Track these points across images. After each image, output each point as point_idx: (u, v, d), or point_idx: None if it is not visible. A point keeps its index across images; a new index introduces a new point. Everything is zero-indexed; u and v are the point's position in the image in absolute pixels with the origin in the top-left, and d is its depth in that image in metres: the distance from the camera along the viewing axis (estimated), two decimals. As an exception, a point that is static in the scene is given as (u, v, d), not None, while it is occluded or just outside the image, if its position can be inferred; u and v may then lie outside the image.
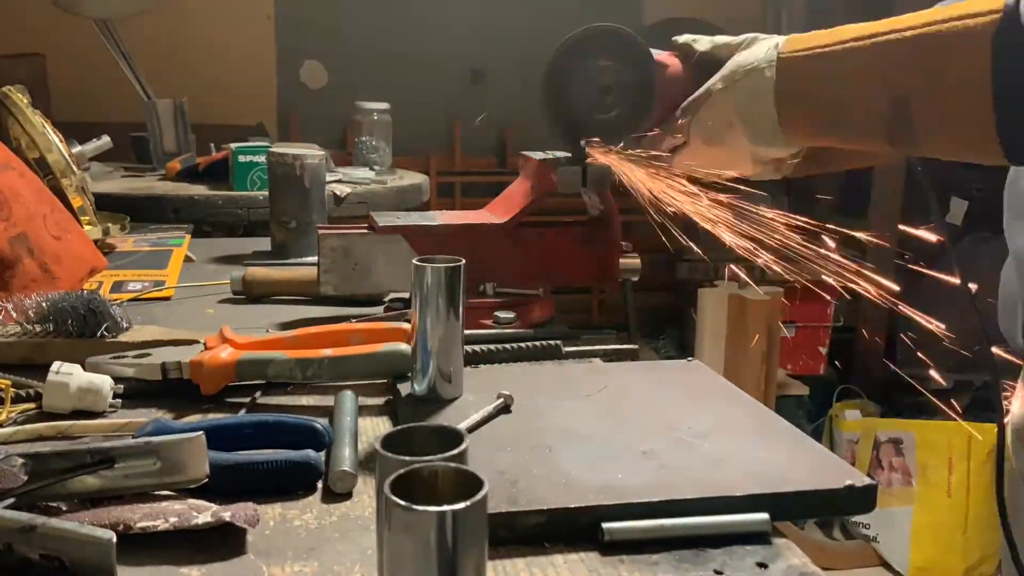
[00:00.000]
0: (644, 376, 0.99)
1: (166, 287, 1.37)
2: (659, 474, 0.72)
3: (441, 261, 0.84)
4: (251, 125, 3.38)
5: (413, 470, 0.52)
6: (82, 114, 3.08)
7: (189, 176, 2.34)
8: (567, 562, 0.64)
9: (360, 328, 1.00)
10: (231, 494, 0.70)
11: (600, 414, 0.85)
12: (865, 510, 0.72)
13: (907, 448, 3.19)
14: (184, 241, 1.64)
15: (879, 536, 3.20)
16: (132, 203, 2.03)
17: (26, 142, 1.55)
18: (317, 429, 0.78)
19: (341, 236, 1.17)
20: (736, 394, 0.93)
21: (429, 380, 0.87)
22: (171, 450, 0.69)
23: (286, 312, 1.27)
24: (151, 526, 0.64)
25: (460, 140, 4.07)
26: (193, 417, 0.87)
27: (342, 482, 0.74)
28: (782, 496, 0.70)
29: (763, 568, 0.64)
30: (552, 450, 0.76)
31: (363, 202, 2.20)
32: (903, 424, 3.24)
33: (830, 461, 0.76)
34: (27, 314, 1.02)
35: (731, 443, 0.78)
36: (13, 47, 3.17)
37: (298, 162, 1.53)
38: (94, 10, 2.77)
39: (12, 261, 1.16)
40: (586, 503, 0.67)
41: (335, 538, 0.67)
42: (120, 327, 1.03)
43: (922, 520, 3.12)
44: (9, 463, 0.65)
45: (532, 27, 3.71)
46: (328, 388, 0.95)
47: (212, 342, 0.95)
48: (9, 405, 0.87)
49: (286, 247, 1.56)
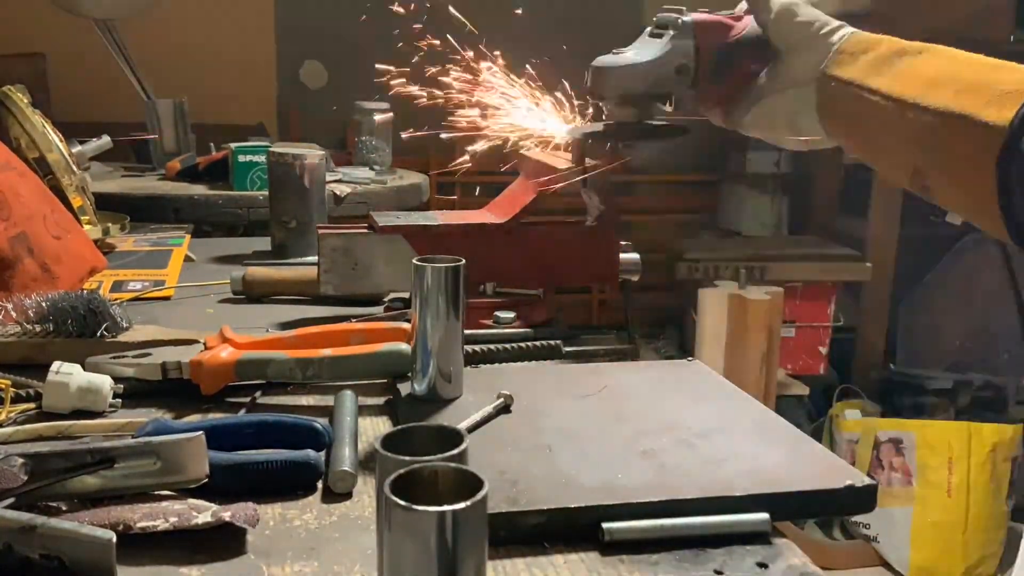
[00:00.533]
0: (644, 376, 0.99)
1: (166, 287, 1.37)
2: (659, 474, 0.72)
3: (441, 261, 0.84)
4: (251, 125, 3.38)
5: (413, 470, 0.52)
6: (82, 114, 3.08)
7: (189, 176, 2.34)
8: (567, 562, 0.64)
9: (360, 328, 1.00)
10: (231, 494, 0.70)
11: (600, 414, 0.85)
12: (865, 510, 0.72)
13: (907, 448, 3.19)
14: (184, 241, 1.64)
15: (879, 536, 3.20)
16: (132, 203, 2.03)
17: (26, 142, 1.55)
18: (317, 429, 0.78)
19: (341, 236, 1.17)
20: (736, 394, 0.93)
21: (429, 380, 0.87)
22: (171, 450, 0.69)
23: (286, 312, 1.27)
24: (151, 526, 0.64)
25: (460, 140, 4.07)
26: (193, 417, 0.87)
27: (342, 482, 0.74)
28: (782, 496, 0.70)
29: (763, 568, 0.64)
30: (552, 450, 0.76)
31: (363, 202, 2.20)
32: (903, 424, 3.24)
33: (830, 461, 0.76)
34: (27, 314, 1.02)
35: (731, 443, 0.78)
36: (13, 47, 3.17)
37: (298, 162, 1.53)
38: (94, 10, 2.77)
39: (12, 261, 1.16)
40: (586, 503, 0.67)
41: (335, 538, 0.67)
42: (120, 327, 1.03)
43: (922, 520, 3.11)
44: (9, 463, 0.65)
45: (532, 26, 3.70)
46: (328, 388, 0.95)
47: (212, 342, 0.95)
48: (9, 405, 0.87)
49: (286, 247, 1.56)
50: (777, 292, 2.81)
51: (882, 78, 0.80)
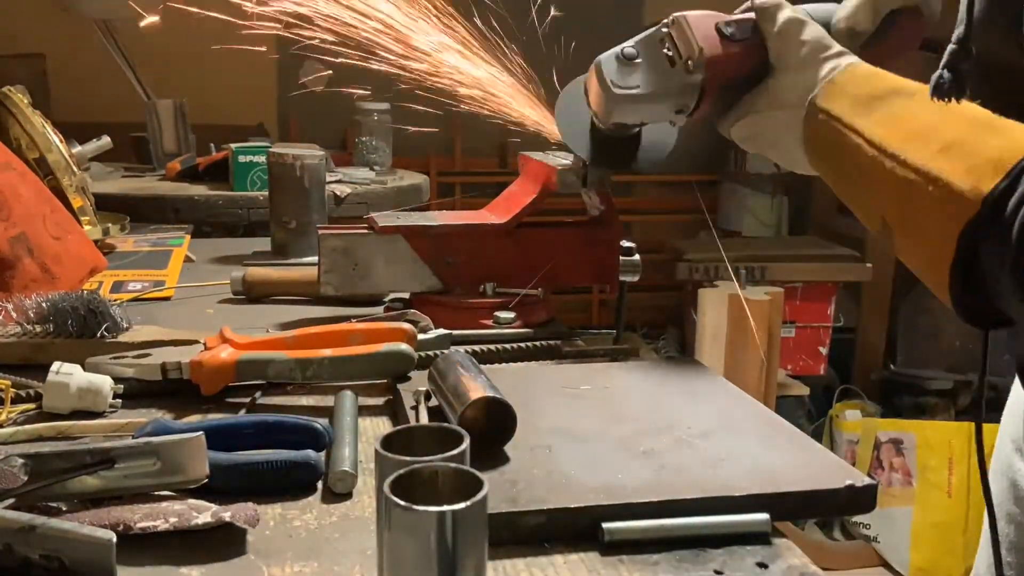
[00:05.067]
0: (644, 376, 0.99)
1: (166, 287, 1.37)
2: (659, 474, 0.72)
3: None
4: (251, 125, 3.37)
5: (413, 470, 0.52)
6: (82, 114, 3.08)
7: (189, 176, 2.34)
8: (567, 562, 0.64)
9: (360, 328, 1.00)
10: (231, 494, 0.70)
11: (600, 414, 0.85)
12: (865, 510, 0.72)
13: (907, 448, 3.19)
14: (184, 241, 1.64)
15: (879, 536, 3.20)
16: (132, 203, 2.03)
17: (26, 142, 1.55)
18: (317, 429, 0.78)
19: (341, 236, 1.17)
20: (736, 394, 0.93)
21: None
22: (171, 450, 0.69)
23: (286, 312, 1.27)
24: (151, 526, 0.64)
25: (460, 140, 4.07)
26: (193, 417, 0.87)
27: (342, 482, 0.74)
28: (782, 496, 0.70)
29: (763, 568, 0.64)
30: (552, 450, 0.76)
31: (363, 202, 2.20)
32: (903, 424, 3.24)
33: (830, 461, 0.76)
34: (27, 314, 1.02)
35: (731, 443, 0.78)
36: (13, 47, 3.17)
37: (298, 162, 1.53)
38: (94, 10, 2.77)
39: (12, 261, 1.16)
40: (586, 503, 0.67)
41: (335, 538, 0.67)
42: (120, 327, 1.03)
43: (922, 520, 3.12)
44: (9, 463, 0.65)
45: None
46: (328, 388, 0.95)
47: (212, 342, 0.95)
48: (9, 405, 0.87)
49: (286, 247, 1.56)
50: (777, 292, 2.81)
51: (868, 119, 0.76)
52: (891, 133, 0.74)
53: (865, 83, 0.80)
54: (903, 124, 0.74)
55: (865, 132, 0.76)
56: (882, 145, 0.73)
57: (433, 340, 1.04)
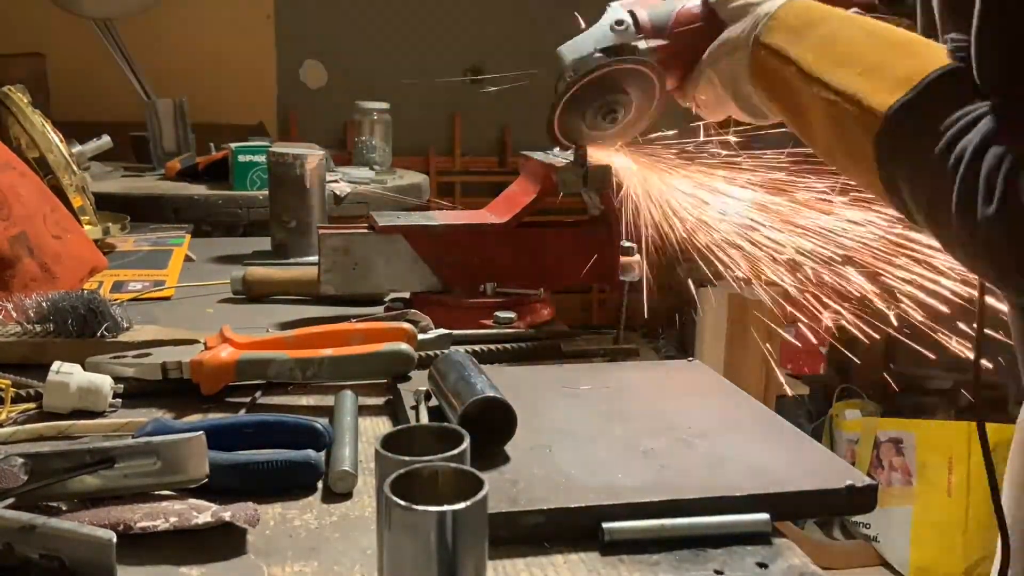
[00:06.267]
0: (644, 376, 0.99)
1: (166, 287, 1.37)
2: (659, 474, 0.72)
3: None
4: (251, 125, 3.37)
5: (413, 470, 0.52)
6: (82, 114, 3.08)
7: (189, 176, 2.34)
8: (567, 562, 0.64)
9: (360, 328, 1.00)
10: (231, 494, 0.70)
11: (600, 414, 0.85)
12: (865, 510, 0.72)
13: (907, 448, 3.19)
14: (184, 241, 1.64)
15: (879, 536, 3.20)
16: (132, 203, 2.03)
17: (26, 142, 1.55)
18: (317, 429, 0.78)
19: (341, 236, 1.17)
20: (736, 394, 0.93)
21: None
22: (171, 450, 0.69)
23: (286, 312, 1.27)
24: (151, 526, 0.64)
25: (460, 140, 4.07)
26: (193, 417, 0.87)
27: (342, 482, 0.74)
28: (782, 496, 0.70)
29: (763, 568, 0.64)
30: (552, 450, 0.76)
31: (363, 202, 2.20)
32: (903, 424, 3.24)
33: (830, 461, 0.76)
34: (27, 314, 1.02)
35: (731, 443, 0.78)
36: (13, 47, 3.17)
37: (298, 162, 1.53)
38: (94, 10, 2.77)
39: (12, 261, 1.16)
40: (586, 503, 0.67)
41: (335, 538, 0.67)
42: (120, 327, 1.03)
43: (922, 520, 3.11)
44: (9, 463, 0.65)
45: (532, 25, 3.71)
46: (328, 388, 0.95)
47: (212, 342, 0.95)
48: (9, 405, 0.87)
49: (286, 247, 1.56)
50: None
51: (800, 47, 0.79)
52: (820, 59, 0.77)
53: (803, 13, 0.82)
54: (831, 49, 0.77)
55: (800, 61, 0.78)
56: (811, 71, 0.77)
57: (433, 340, 1.04)
